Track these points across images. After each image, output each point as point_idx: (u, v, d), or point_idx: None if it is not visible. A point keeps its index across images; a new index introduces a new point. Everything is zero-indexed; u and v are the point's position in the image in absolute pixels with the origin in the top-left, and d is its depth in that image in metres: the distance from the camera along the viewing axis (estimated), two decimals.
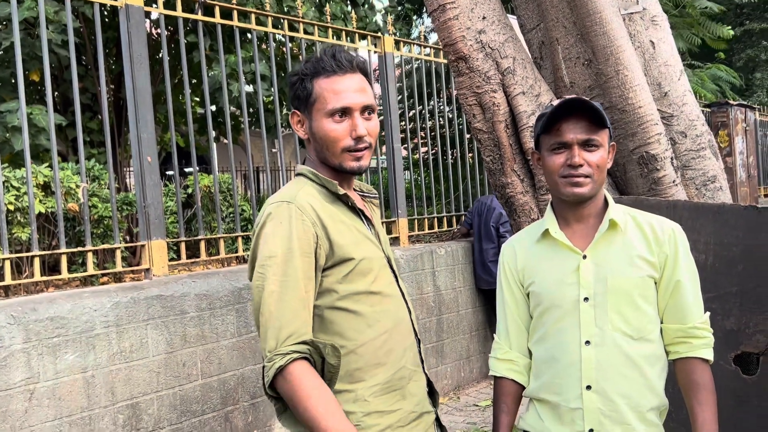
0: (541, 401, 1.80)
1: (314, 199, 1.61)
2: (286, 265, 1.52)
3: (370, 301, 1.61)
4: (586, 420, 1.69)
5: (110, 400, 3.37)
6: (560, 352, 1.74)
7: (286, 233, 1.54)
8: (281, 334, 1.48)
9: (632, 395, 1.69)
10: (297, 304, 1.51)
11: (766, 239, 2.34)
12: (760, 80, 15.33)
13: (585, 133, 1.69)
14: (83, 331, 3.28)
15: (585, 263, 1.73)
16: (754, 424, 2.38)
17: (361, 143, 1.62)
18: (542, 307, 1.79)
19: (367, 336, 1.59)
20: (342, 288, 1.58)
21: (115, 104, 6.41)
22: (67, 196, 4.00)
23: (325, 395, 1.46)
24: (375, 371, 1.59)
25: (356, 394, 1.58)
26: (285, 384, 1.46)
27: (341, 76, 1.61)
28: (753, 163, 10.22)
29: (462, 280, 5.78)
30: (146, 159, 3.80)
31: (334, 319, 1.58)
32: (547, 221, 1.81)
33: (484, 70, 2.83)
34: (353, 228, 1.64)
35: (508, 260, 1.89)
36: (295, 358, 1.46)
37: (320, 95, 1.60)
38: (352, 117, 1.60)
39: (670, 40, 3.01)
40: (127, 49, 3.82)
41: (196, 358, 3.74)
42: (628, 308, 1.70)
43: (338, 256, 1.58)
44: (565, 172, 1.70)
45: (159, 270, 3.85)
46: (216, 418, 3.83)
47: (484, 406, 5.24)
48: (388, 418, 1.60)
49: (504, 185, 2.94)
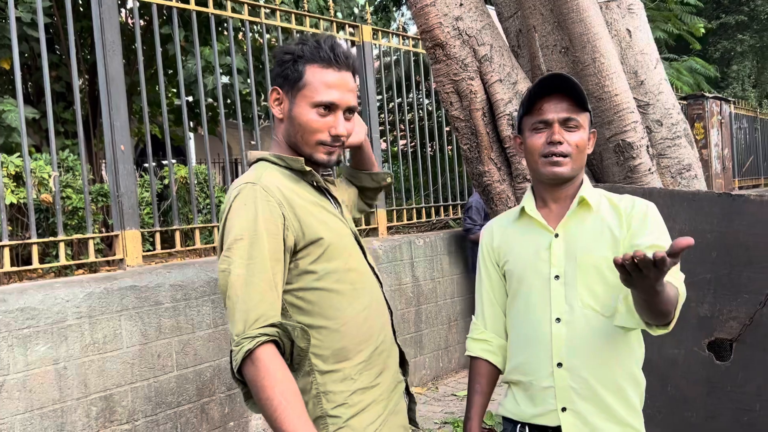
0: (516, 383, 1.80)
1: (279, 181, 1.59)
2: (252, 247, 1.49)
3: (349, 278, 1.60)
4: (558, 398, 1.70)
5: (83, 392, 3.31)
6: (531, 330, 1.75)
7: (252, 215, 1.51)
8: (249, 317, 1.45)
9: (603, 372, 1.68)
10: (264, 286, 1.48)
11: (739, 226, 2.36)
12: (736, 72, 15.49)
13: (566, 112, 1.69)
14: (55, 322, 3.23)
15: (557, 241, 1.74)
16: (728, 408, 2.41)
17: (336, 141, 1.62)
18: (514, 284, 1.80)
19: (349, 314, 1.58)
20: (320, 268, 1.56)
21: (91, 95, 6.31)
22: (40, 186, 3.93)
23: (289, 389, 1.43)
24: (359, 348, 1.59)
25: (344, 373, 1.57)
26: (252, 369, 1.43)
27: (337, 71, 1.59)
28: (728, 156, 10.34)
29: (441, 271, 5.78)
30: (119, 147, 3.74)
31: (315, 299, 1.57)
32: (525, 201, 1.82)
33: (462, 58, 2.81)
34: (320, 207, 1.62)
35: (486, 240, 1.90)
36: (264, 341, 1.43)
37: (311, 83, 1.58)
38: (336, 114, 1.60)
39: (646, 29, 3.02)
40: (100, 35, 3.75)
41: (171, 349, 3.70)
42: (598, 285, 1.69)
43: (309, 236, 1.55)
44: (546, 150, 1.70)
45: (133, 260, 3.79)
46: (192, 410, 3.79)
47: (462, 396, 5.25)
48: (371, 393, 1.61)
49: (481, 173, 2.93)
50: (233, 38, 4.68)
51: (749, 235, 2.35)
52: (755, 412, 2.36)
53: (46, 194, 3.90)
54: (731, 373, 2.42)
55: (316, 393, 1.56)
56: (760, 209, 2.35)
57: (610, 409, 1.68)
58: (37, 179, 3.94)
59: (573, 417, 1.69)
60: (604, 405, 1.68)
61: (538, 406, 1.73)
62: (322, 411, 1.55)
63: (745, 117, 12.47)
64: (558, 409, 1.70)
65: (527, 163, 1.79)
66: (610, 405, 1.68)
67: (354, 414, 1.57)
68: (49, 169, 3.88)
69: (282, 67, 1.62)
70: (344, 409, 1.56)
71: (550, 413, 1.71)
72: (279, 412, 1.40)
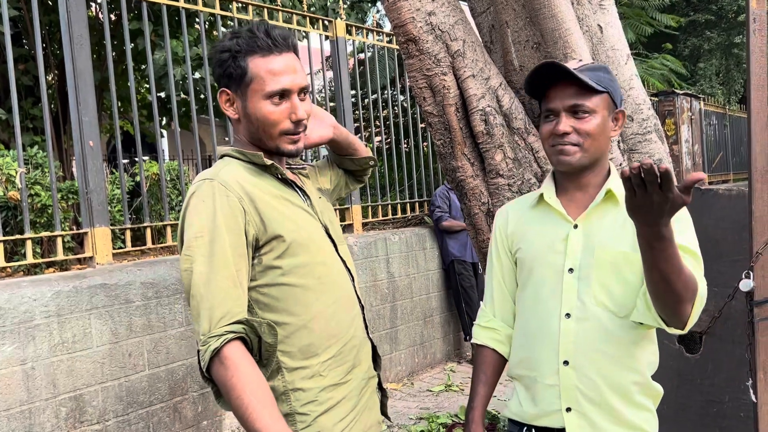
0: (519, 379, 1.72)
1: (240, 175, 1.55)
2: (213, 244, 1.45)
3: (317, 272, 1.56)
4: (563, 397, 1.60)
5: (52, 393, 3.25)
6: (539, 323, 1.65)
7: (210, 211, 1.47)
8: (214, 315, 1.42)
9: (612, 374, 1.59)
10: (228, 283, 1.45)
11: (709, 221, 2.39)
12: (703, 70, 15.70)
13: (573, 99, 1.59)
14: (22, 321, 3.16)
15: (575, 233, 1.64)
16: (698, 401, 2.44)
17: (299, 126, 1.58)
18: (525, 274, 1.70)
19: (316, 309, 1.55)
20: (284, 263, 1.53)
21: (61, 90, 6.19)
22: (7, 183, 3.84)
23: (259, 387, 1.40)
24: (328, 343, 1.56)
25: (312, 370, 1.54)
26: (221, 368, 1.40)
27: (278, 56, 1.54)
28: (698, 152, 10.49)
29: (416, 267, 5.78)
30: (88, 143, 3.67)
31: (280, 295, 1.53)
32: (545, 187, 1.73)
33: (434, 53, 2.80)
34: (285, 201, 1.59)
35: (500, 225, 1.81)
36: (230, 339, 1.40)
37: (257, 76, 1.53)
38: (291, 99, 1.55)
39: (617, 25, 3.03)
40: (67, 29, 3.67)
41: (142, 348, 3.65)
42: (614, 282, 1.58)
43: (271, 230, 1.52)
44: (553, 141, 1.62)
45: (103, 258, 3.73)
46: (164, 409, 3.75)
47: (438, 391, 5.26)
48: (341, 389, 1.58)
49: (454, 169, 2.92)
50: (204, 33, 4.62)
51: (718, 229, 2.38)
52: (724, 403, 2.39)
53: (14, 191, 3.82)
54: (701, 365, 2.45)
55: (284, 390, 1.53)
56: (729, 204, 2.38)
57: (617, 411, 1.59)
58: (4, 176, 3.86)
59: (578, 418, 1.60)
60: (610, 407, 1.59)
61: (540, 406, 1.65)
62: (290, 408, 1.53)
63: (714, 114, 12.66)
64: (562, 409, 1.61)
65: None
66: (617, 408, 1.59)
67: (323, 411, 1.55)
68: (15, 166, 3.80)
69: (223, 67, 1.56)
70: (313, 406, 1.53)
71: (554, 413, 1.62)
72: (250, 410, 1.37)
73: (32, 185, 3.94)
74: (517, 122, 2.88)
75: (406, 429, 4.39)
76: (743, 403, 2.33)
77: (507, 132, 2.84)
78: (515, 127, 2.87)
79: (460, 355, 6.25)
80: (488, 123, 2.80)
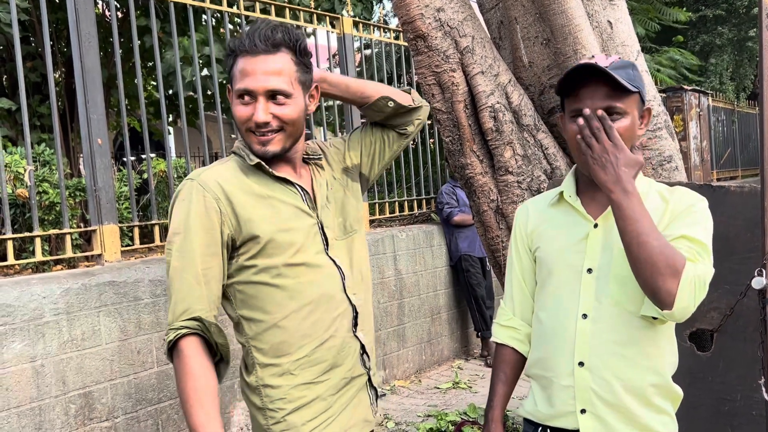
0: (535, 378, 1.70)
1: (228, 174, 1.61)
2: (184, 242, 1.54)
3: (293, 273, 1.60)
4: (578, 399, 1.58)
5: (61, 390, 3.26)
6: (555, 324, 1.63)
7: (185, 210, 1.56)
8: (176, 309, 1.52)
9: (629, 376, 1.56)
10: (192, 281, 1.53)
11: (720, 217, 2.37)
12: (714, 66, 15.60)
13: (606, 101, 1.53)
14: (31, 318, 3.17)
15: (595, 232, 1.60)
16: (709, 399, 2.42)
17: (263, 128, 1.59)
18: (544, 273, 1.68)
19: (289, 308, 1.59)
20: (260, 262, 1.58)
21: (68, 88, 6.20)
22: (15, 181, 3.85)
23: (201, 384, 1.48)
24: (301, 343, 1.60)
25: (282, 368, 1.59)
26: (175, 360, 1.51)
27: (253, 57, 1.58)
28: (706, 148, 10.44)
29: (423, 264, 5.78)
30: (96, 141, 3.68)
31: (254, 293, 1.59)
32: (565, 184, 1.69)
33: (443, 49, 2.79)
34: (271, 200, 1.62)
35: (520, 223, 1.78)
36: (184, 334, 1.50)
37: (234, 74, 1.61)
38: (257, 101, 1.59)
39: (627, 20, 3.02)
40: (75, 27, 3.67)
41: (151, 345, 3.65)
42: (632, 283, 1.52)
43: (247, 231, 1.57)
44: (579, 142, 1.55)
45: (111, 256, 3.74)
46: (173, 406, 3.75)
47: (446, 388, 5.26)
48: (315, 389, 1.62)
49: (463, 166, 2.91)
50: (212, 29, 4.61)
51: (730, 226, 2.36)
52: (736, 401, 2.38)
53: (22, 189, 3.83)
54: (712, 363, 2.43)
55: (256, 385, 1.60)
56: (741, 200, 2.36)
57: (633, 414, 1.56)
58: (13, 174, 3.87)
59: (592, 420, 1.57)
60: (626, 409, 1.56)
61: (555, 407, 1.62)
62: (262, 403, 1.60)
63: (722, 110, 12.59)
64: (577, 411, 1.58)
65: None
66: (633, 410, 1.56)
67: (293, 409, 1.59)
68: (24, 164, 3.81)
69: (227, 66, 1.66)
70: (282, 403, 1.59)
71: (569, 415, 1.60)
72: (189, 404, 1.47)
73: (40, 183, 3.95)
74: (527, 119, 2.86)
75: (414, 427, 4.38)
76: (755, 401, 2.31)
77: (516, 129, 2.83)
78: (525, 123, 2.86)
79: (468, 352, 6.25)
80: (497, 120, 2.79)
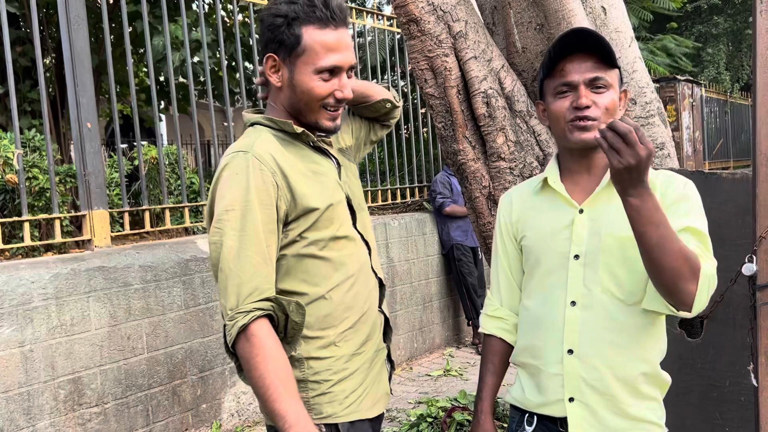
0: (523, 366, 1.68)
1: (273, 147, 1.52)
2: (245, 219, 1.43)
3: (338, 245, 1.56)
4: (566, 387, 1.56)
5: (50, 375, 3.25)
6: (544, 311, 1.61)
7: (243, 185, 1.44)
8: (242, 291, 1.41)
9: (618, 364, 1.54)
10: (258, 259, 1.43)
11: (712, 204, 2.36)
12: (711, 55, 15.55)
13: (592, 71, 1.52)
14: (20, 303, 3.15)
15: (580, 218, 1.58)
16: (698, 385, 2.43)
17: (340, 103, 1.55)
18: (531, 262, 1.66)
19: (335, 280, 1.55)
20: (310, 235, 1.52)
21: (59, 74, 6.15)
22: (4, 166, 3.81)
23: (282, 368, 1.40)
24: (344, 315, 1.57)
25: (327, 340, 1.55)
26: (246, 345, 1.40)
27: (334, 30, 1.48)
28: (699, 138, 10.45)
29: (415, 252, 5.77)
30: (86, 125, 3.64)
31: (301, 266, 1.53)
32: (548, 171, 1.66)
33: (436, 34, 2.77)
34: (315, 173, 1.56)
35: (504, 212, 1.75)
36: (258, 316, 1.40)
37: (311, 48, 1.48)
38: (340, 77, 1.51)
39: (621, 7, 3.00)
40: (64, 10, 3.63)
41: (141, 331, 3.64)
42: (621, 269, 1.53)
43: (301, 206, 1.50)
44: (571, 115, 1.53)
45: (101, 241, 3.71)
46: (163, 392, 3.74)
47: (436, 375, 5.27)
48: (355, 361, 1.59)
49: (455, 152, 2.90)
50: (203, 15, 4.57)
51: (721, 212, 2.36)
52: (725, 388, 2.39)
53: (12, 174, 3.79)
54: (702, 349, 2.43)
55: (299, 357, 1.54)
56: (732, 187, 2.36)
57: (621, 403, 1.54)
58: (2, 159, 3.83)
59: (580, 408, 1.55)
60: (614, 398, 1.54)
61: (544, 395, 1.60)
62: (303, 375, 1.54)
63: (715, 100, 12.61)
64: (565, 399, 1.56)
65: (552, 132, 1.63)
66: (621, 398, 1.54)
67: (337, 381, 1.56)
68: (13, 149, 3.77)
69: (275, 32, 1.50)
70: (328, 374, 1.55)
71: (557, 403, 1.58)
72: (271, 390, 1.38)
73: (30, 168, 3.91)
74: (519, 105, 2.85)
75: (405, 413, 4.39)
76: (744, 387, 2.32)
77: (509, 115, 2.82)
78: (517, 109, 2.85)
79: (459, 340, 6.26)
80: (490, 105, 2.77)
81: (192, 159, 11.00)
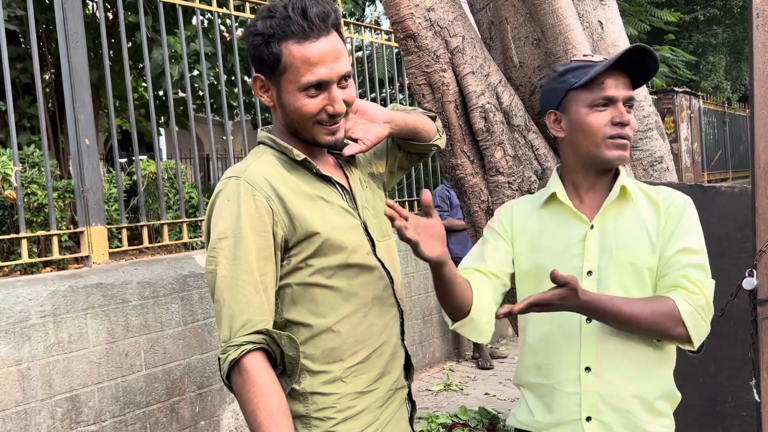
0: (530, 387, 1.64)
1: (271, 169, 1.45)
2: (237, 247, 1.38)
3: (347, 274, 1.46)
4: (584, 406, 1.53)
5: (47, 393, 3.22)
6: (557, 329, 1.57)
7: (235, 212, 1.39)
8: (234, 324, 1.36)
9: (636, 380, 1.53)
10: (250, 290, 1.37)
11: (711, 218, 2.36)
12: (713, 64, 15.53)
13: (628, 90, 1.51)
14: (17, 321, 3.13)
15: (592, 233, 1.56)
16: (700, 400, 2.41)
17: (336, 118, 1.45)
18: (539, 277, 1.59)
19: (343, 311, 1.46)
20: (315, 262, 1.44)
21: (58, 89, 6.16)
22: (3, 182, 3.81)
23: (274, 404, 1.34)
24: (354, 348, 1.48)
25: (334, 375, 1.46)
26: (239, 379, 1.35)
27: (315, 41, 1.38)
28: (697, 150, 10.47)
29: (414, 266, 5.76)
30: (84, 141, 3.64)
31: (308, 295, 1.45)
32: (554, 186, 1.63)
33: (433, 49, 2.77)
34: (318, 198, 1.47)
35: (505, 218, 1.70)
36: (250, 350, 1.34)
37: (291, 65, 1.39)
38: (329, 91, 1.41)
39: (618, 21, 3.01)
40: (62, 26, 3.64)
41: (139, 348, 3.62)
42: (633, 284, 1.52)
43: (302, 230, 1.42)
44: (612, 132, 1.50)
45: (99, 257, 3.70)
46: (161, 410, 3.72)
47: (437, 390, 5.24)
48: (364, 399, 1.49)
49: (454, 167, 2.90)
50: (201, 30, 4.59)
51: (720, 226, 2.36)
52: (727, 403, 2.37)
53: (10, 190, 3.79)
54: (703, 364, 2.42)
55: (302, 391, 1.46)
56: (731, 201, 2.36)
57: (638, 420, 1.53)
58: (1, 175, 3.83)
59: (597, 428, 1.52)
60: (632, 415, 1.53)
61: (557, 414, 1.57)
62: (307, 411, 1.46)
63: (713, 111, 12.64)
64: (582, 418, 1.53)
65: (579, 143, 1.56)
66: (639, 416, 1.53)
67: (341, 420, 1.46)
68: (12, 165, 3.77)
69: (256, 51, 1.42)
70: (331, 412, 1.46)
71: (573, 423, 1.54)
72: (263, 427, 1.32)
73: (29, 184, 3.91)
74: (517, 119, 2.85)
75: None
76: (746, 402, 2.30)
77: (507, 129, 2.82)
78: (515, 124, 2.85)
79: (459, 354, 6.23)
80: (488, 120, 2.77)
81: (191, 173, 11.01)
